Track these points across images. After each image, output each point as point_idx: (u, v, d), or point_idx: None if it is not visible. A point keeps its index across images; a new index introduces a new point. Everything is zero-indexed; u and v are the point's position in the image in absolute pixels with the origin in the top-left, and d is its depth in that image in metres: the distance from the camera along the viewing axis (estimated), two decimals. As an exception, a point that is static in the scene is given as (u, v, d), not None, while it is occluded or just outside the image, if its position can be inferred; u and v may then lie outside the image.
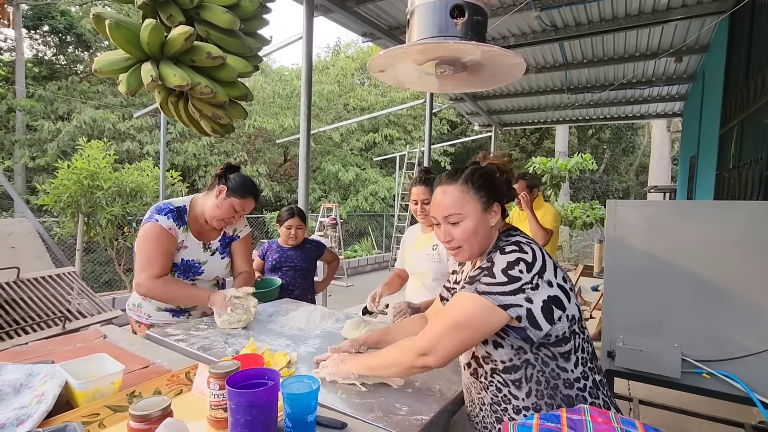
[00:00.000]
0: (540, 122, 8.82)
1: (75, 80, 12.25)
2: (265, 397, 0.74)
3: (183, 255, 1.76)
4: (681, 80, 5.93)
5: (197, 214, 1.80)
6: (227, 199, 1.74)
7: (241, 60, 1.62)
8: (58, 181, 5.68)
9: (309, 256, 2.67)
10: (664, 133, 12.47)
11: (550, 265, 0.98)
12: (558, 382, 0.98)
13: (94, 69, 1.44)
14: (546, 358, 0.98)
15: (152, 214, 1.70)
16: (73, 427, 0.73)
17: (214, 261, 1.85)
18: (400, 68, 1.31)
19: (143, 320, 1.81)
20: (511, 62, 1.20)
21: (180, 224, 1.74)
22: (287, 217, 2.60)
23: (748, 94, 3.45)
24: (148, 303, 1.80)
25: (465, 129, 17.10)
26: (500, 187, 1.10)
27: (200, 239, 1.81)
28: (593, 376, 1.02)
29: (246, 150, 13.25)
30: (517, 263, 0.96)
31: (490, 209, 1.07)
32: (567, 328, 0.98)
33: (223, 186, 1.74)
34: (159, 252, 1.66)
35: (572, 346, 0.99)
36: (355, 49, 17.19)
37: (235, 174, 1.80)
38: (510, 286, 0.94)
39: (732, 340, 1.65)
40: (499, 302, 0.93)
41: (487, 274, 0.97)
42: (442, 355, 0.98)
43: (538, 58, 5.47)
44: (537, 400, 0.99)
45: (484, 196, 1.06)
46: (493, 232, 1.09)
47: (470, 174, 1.07)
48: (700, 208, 1.72)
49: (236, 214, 1.77)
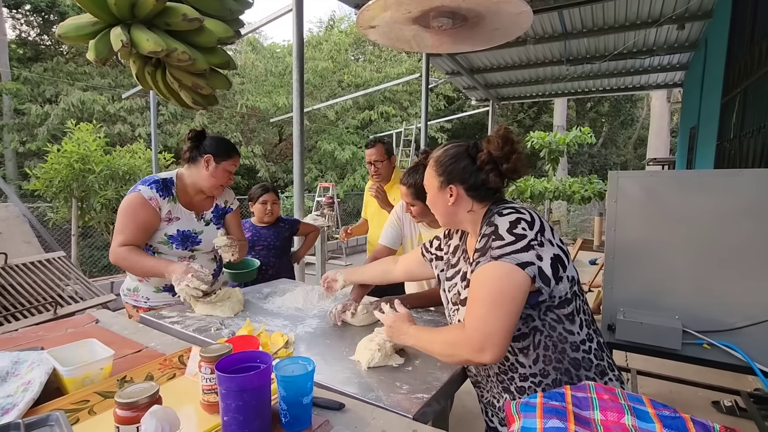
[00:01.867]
0: (538, 95, 8.66)
1: (61, 61, 11.92)
2: (257, 382, 0.71)
3: (178, 226, 1.76)
4: (683, 48, 5.78)
5: (185, 186, 1.80)
6: (218, 166, 1.75)
7: (221, 23, 1.52)
8: (48, 165, 5.57)
9: (282, 233, 2.63)
10: (663, 104, 12.29)
11: (547, 226, 1.00)
12: (565, 345, 0.99)
13: (58, 34, 1.34)
14: (553, 322, 0.99)
15: (137, 185, 1.70)
16: (56, 416, 0.70)
17: (210, 231, 1.86)
18: (393, 23, 1.21)
19: (141, 304, 1.78)
20: (515, 11, 1.10)
21: (165, 195, 1.73)
22: (261, 192, 2.55)
23: (752, 61, 3.36)
24: (144, 285, 1.78)
25: (462, 104, 16.84)
26: (463, 170, 1.08)
27: (192, 210, 1.82)
28: (597, 338, 1.04)
29: (240, 130, 13.04)
30: (519, 222, 0.97)
31: (444, 190, 1.11)
32: (568, 289, 0.99)
33: (208, 155, 1.73)
34: (132, 221, 1.66)
35: (575, 308, 1.01)
36: (349, 23, 16.73)
37: (209, 138, 1.79)
38: (519, 244, 0.94)
39: (733, 311, 1.64)
40: (516, 261, 0.92)
41: (495, 238, 0.97)
42: (498, 343, 0.90)
43: (536, 28, 5.31)
44: (545, 366, 1.00)
45: (441, 176, 1.11)
46: (458, 209, 1.11)
47: (441, 154, 1.13)
48: (705, 177, 1.68)
49: (231, 174, 1.82)
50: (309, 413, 0.83)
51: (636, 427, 0.59)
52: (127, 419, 0.69)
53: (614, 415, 0.61)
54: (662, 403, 0.64)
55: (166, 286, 1.78)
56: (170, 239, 1.75)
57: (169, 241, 1.75)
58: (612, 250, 1.85)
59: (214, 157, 1.74)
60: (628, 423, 0.60)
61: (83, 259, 7.45)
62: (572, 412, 0.63)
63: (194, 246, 1.82)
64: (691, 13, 4.69)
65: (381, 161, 2.54)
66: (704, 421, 0.60)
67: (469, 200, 1.10)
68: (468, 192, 1.09)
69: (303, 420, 0.82)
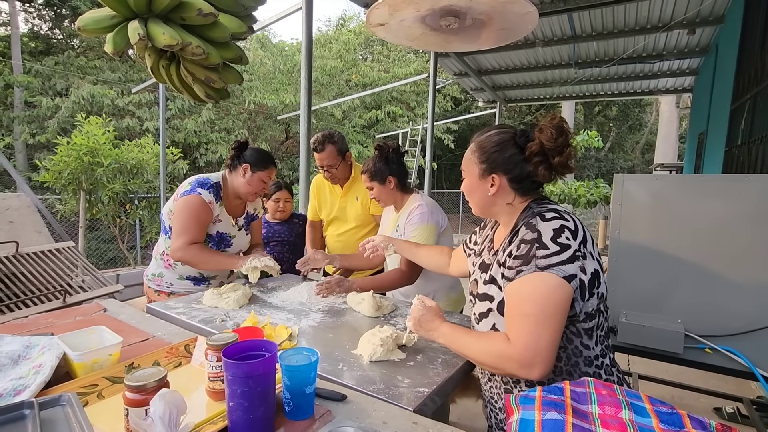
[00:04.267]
0: (546, 98, 8.62)
1: (72, 55, 12.04)
2: (262, 369, 0.73)
3: (218, 228, 1.89)
4: (693, 54, 5.74)
5: (228, 191, 1.92)
6: (254, 175, 1.85)
7: (235, 19, 1.55)
8: (58, 157, 5.64)
9: (296, 230, 2.65)
10: (672, 109, 12.20)
11: (589, 236, 0.95)
12: (579, 359, 0.96)
13: (77, 26, 1.37)
14: (571, 335, 0.95)
15: (194, 187, 1.80)
16: (68, 397, 0.72)
17: (240, 236, 1.99)
18: (402, 22, 1.23)
19: (163, 289, 1.92)
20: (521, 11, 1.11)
21: (218, 199, 1.86)
22: (275, 190, 2.57)
23: (762, 68, 3.34)
24: (170, 272, 1.91)
25: (469, 106, 16.80)
26: (509, 160, 1.02)
27: (231, 215, 1.94)
28: (609, 354, 1.01)
29: (247, 127, 13.10)
30: (563, 230, 0.91)
31: (486, 178, 1.06)
32: (596, 305, 0.95)
33: (246, 164, 1.85)
34: (196, 222, 1.78)
35: (596, 324, 0.97)
36: (358, 23, 16.75)
37: (250, 149, 1.91)
38: (564, 254, 0.89)
39: (736, 315, 1.63)
40: (563, 273, 0.88)
41: (539, 246, 0.91)
42: (546, 359, 0.88)
43: (545, 30, 5.29)
44: (554, 377, 0.97)
45: (484, 163, 1.05)
46: (497, 200, 1.06)
47: (484, 139, 1.07)
48: (711, 182, 1.67)
49: (266, 184, 1.91)
50: (312, 403, 0.85)
51: (633, 421, 0.60)
52: (136, 402, 0.71)
53: (612, 410, 0.62)
54: (660, 400, 0.65)
55: (190, 276, 1.93)
56: (209, 238, 1.87)
57: (207, 241, 1.87)
58: (616, 252, 1.85)
59: (251, 166, 1.85)
60: (625, 417, 0.61)
61: (89, 252, 7.53)
62: (570, 405, 0.64)
63: (225, 248, 1.95)
64: (702, 18, 4.66)
65: (334, 166, 2.18)
66: (701, 417, 0.61)
67: (511, 192, 1.04)
68: (511, 183, 1.03)
69: (305, 409, 0.84)
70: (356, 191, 2.31)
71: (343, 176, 2.28)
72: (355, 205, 2.33)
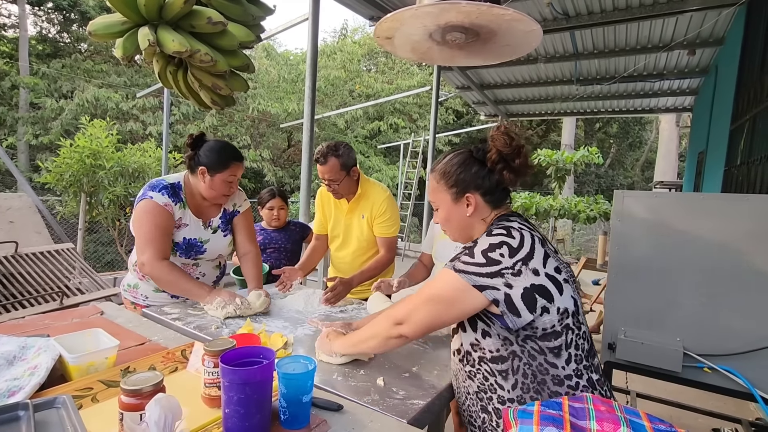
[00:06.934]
0: (547, 114, 8.70)
1: (79, 58, 12.15)
2: (259, 376, 0.73)
3: (184, 234, 1.68)
4: (693, 74, 5.81)
5: (193, 191, 1.72)
6: (214, 178, 1.64)
7: (243, 28, 1.58)
8: (60, 159, 5.65)
9: (293, 237, 2.64)
10: (672, 128, 12.29)
11: (539, 253, 0.95)
12: (546, 377, 0.95)
13: (88, 31, 1.39)
14: (533, 351, 0.95)
15: (145, 191, 1.61)
16: (63, 399, 0.71)
17: (216, 239, 1.78)
18: (409, 36, 1.25)
19: (139, 301, 1.76)
20: (526, 29, 1.14)
21: (176, 201, 1.65)
22: (268, 198, 2.56)
23: (762, 89, 3.37)
24: (145, 283, 1.75)
25: (471, 119, 16.92)
26: (476, 176, 1.06)
27: (200, 217, 1.74)
28: (589, 375, 0.97)
29: (249, 134, 13.17)
30: (500, 246, 0.95)
31: (461, 200, 1.08)
32: (556, 322, 0.94)
33: (203, 167, 1.63)
34: (156, 229, 1.58)
35: (563, 342, 0.95)
36: (362, 35, 16.95)
37: (204, 149, 1.65)
38: (487, 269, 0.93)
39: (735, 335, 1.63)
40: (474, 282, 0.93)
41: (467, 253, 0.98)
42: (415, 325, 1.00)
43: (548, 47, 5.37)
44: (522, 393, 0.96)
45: (453, 187, 1.08)
46: (474, 220, 1.09)
47: (445, 165, 1.10)
48: (710, 201, 1.68)
49: (232, 183, 1.69)
50: (308, 412, 0.84)
51: (631, 438, 0.60)
52: (131, 406, 0.70)
53: (610, 426, 0.62)
54: (659, 418, 0.65)
55: None
56: (175, 247, 1.68)
57: (174, 250, 1.68)
58: (615, 268, 1.85)
59: (207, 169, 1.63)
60: (623, 434, 0.61)
61: (88, 254, 7.50)
62: (569, 421, 0.64)
63: (198, 255, 1.75)
64: (702, 39, 4.72)
65: (336, 181, 1.96)
66: (699, 437, 0.61)
67: (486, 207, 1.08)
68: (485, 197, 1.07)
69: (301, 419, 0.83)
70: (363, 209, 2.10)
71: (346, 192, 2.07)
72: (360, 223, 2.13)
